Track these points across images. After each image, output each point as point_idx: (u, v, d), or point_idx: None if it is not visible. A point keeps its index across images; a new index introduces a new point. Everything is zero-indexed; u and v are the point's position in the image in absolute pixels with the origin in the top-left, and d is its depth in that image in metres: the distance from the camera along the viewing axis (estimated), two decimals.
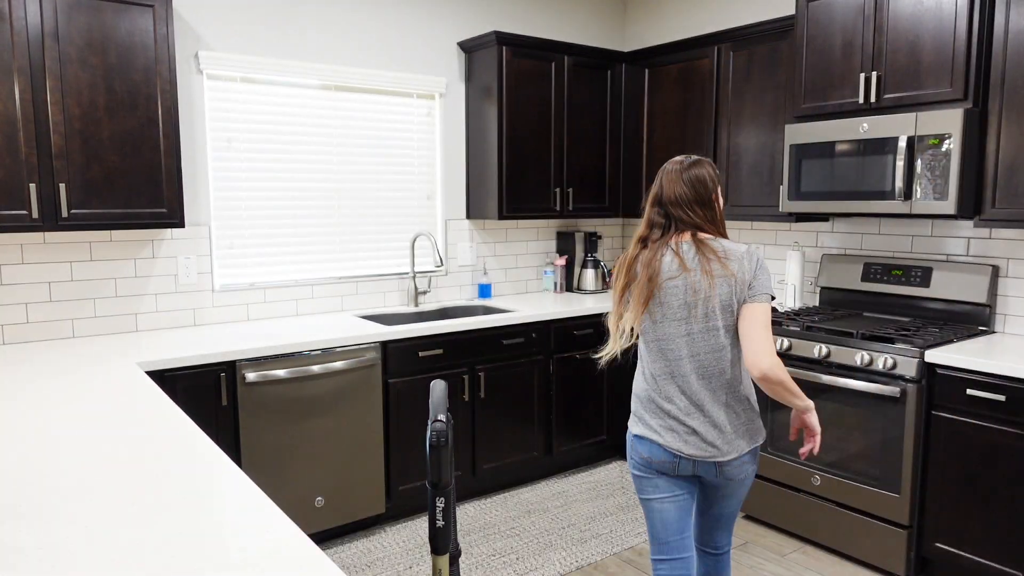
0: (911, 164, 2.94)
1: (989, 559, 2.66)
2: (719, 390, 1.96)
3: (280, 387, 2.97)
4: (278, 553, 1.20)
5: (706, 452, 1.96)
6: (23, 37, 2.59)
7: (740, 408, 1.99)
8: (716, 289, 1.92)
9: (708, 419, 1.96)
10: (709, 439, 1.96)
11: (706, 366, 1.96)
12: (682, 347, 1.97)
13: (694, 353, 1.96)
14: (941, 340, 2.88)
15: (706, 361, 1.95)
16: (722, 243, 1.98)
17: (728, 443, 1.97)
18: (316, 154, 3.67)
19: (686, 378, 1.97)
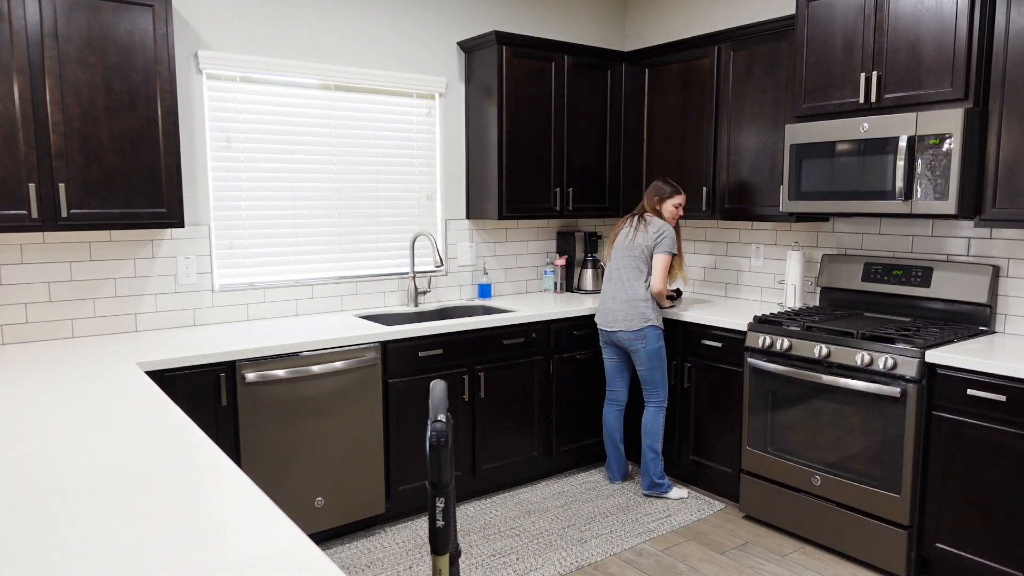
0: (911, 164, 2.94)
1: (989, 559, 2.66)
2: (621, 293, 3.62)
3: (280, 387, 2.97)
4: (278, 553, 1.20)
5: (605, 325, 3.68)
6: (23, 37, 2.59)
7: (630, 304, 3.57)
8: (637, 240, 3.57)
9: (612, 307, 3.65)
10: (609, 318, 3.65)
11: (623, 280, 3.60)
12: (616, 270, 3.63)
13: (618, 274, 3.62)
14: (941, 340, 2.88)
15: (624, 277, 3.59)
16: (653, 219, 3.59)
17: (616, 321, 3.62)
18: (316, 154, 3.66)
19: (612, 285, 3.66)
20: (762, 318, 3.35)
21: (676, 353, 3.79)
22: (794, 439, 3.20)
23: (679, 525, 3.39)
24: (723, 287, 4.30)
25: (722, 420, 3.59)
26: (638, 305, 3.51)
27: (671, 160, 4.13)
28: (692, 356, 3.71)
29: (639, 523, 3.41)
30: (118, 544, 1.23)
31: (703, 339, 3.65)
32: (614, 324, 3.58)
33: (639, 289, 3.52)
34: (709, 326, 3.62)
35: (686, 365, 3.74)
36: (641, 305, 3.51)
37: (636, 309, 3.52)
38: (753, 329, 3.33)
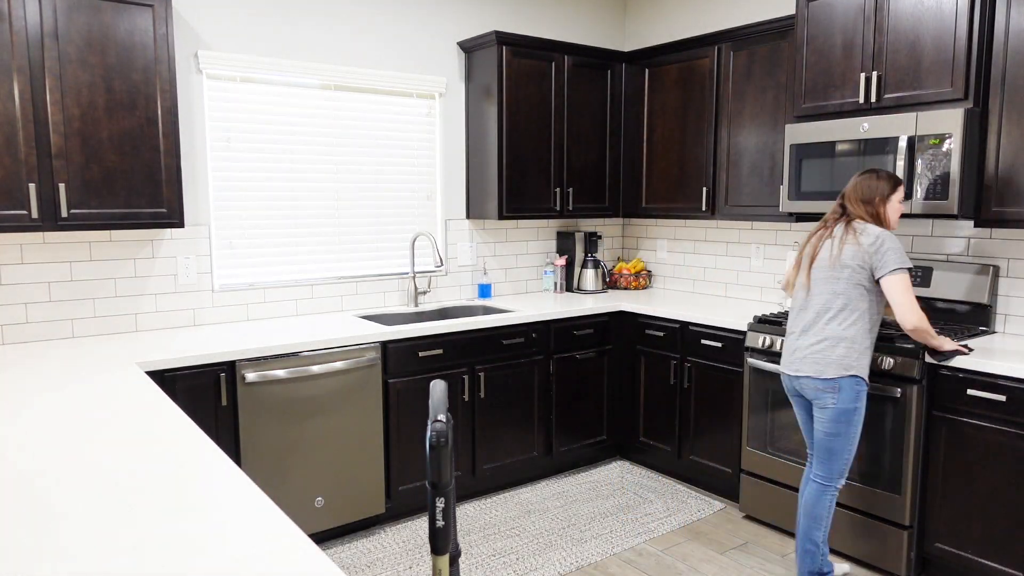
0: (911, 164, 2.94)
1: (989, 559, 2.66)
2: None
3: (280, 387, 2.97)
4: (278, 553, 1.20)
5: (789, 368, 2.79)
6: (23, 37, 2.59)
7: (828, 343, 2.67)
8: (845, 255, 2.63)
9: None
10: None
11: (823, 310, 2.70)
12: (816, 296, 2.73)
13: (816, 301, 2.72)
14: None
15: (824, 306, 2.69)
16: (867, 226, 2.64)
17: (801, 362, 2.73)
18: (316, 154, 3.66)
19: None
20: (762, 318, 3.35)
21: (676, 353, 3.79)
22: (794, 439, 3.20)
23: (679, 525, 3.39)
24: (723, 287, 4.30)
25: (722, 420, 3.59)
26: (838, 346, 2.61)
27: (671, 160, 4.13)
28: (692, 356, 3.71)
29: (639, 523, 3.41)
30: (118, 544, 1.23)
31: (703, 339, 3.65)
32: (800, 368, 2.68)
33: (844, 324, 2.61)
34: (709, 326, 3.62)
35: (686, 365, 3.74)
36: (842, 347, 2.60)
37: (835, 352, 2.61)
38: (753, 329, 3.33)
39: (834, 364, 2.60)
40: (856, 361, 2.60)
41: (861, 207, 2.65)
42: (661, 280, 4.67)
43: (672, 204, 4.15)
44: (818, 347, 2.64)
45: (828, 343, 2.62)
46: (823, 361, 2.62)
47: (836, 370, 2.60)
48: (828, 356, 2.61)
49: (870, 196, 2.65)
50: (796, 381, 2.72)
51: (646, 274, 4.63)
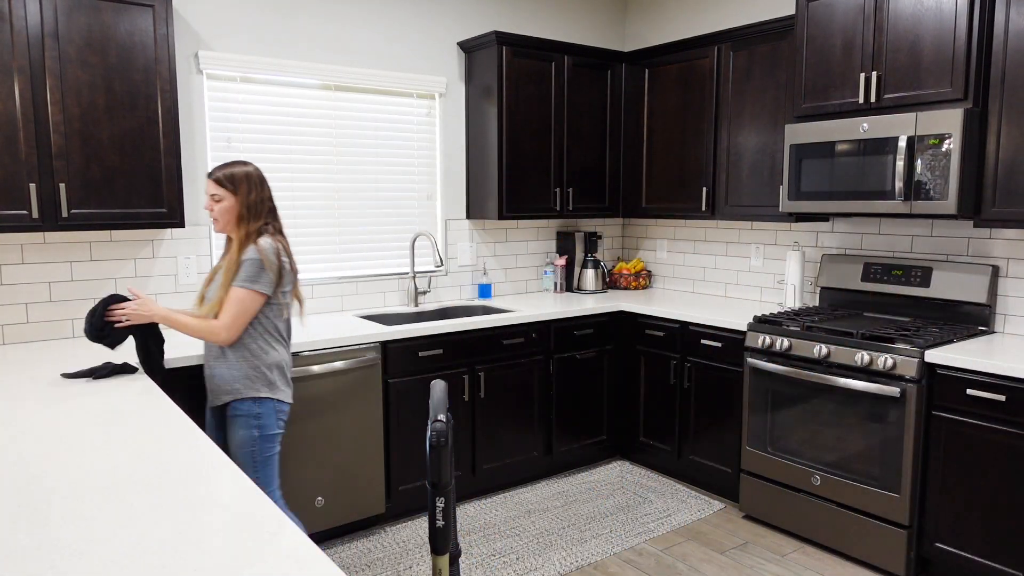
0: (911, 164, 2.94)
1: (989, 559, 2.66)
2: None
3: None
4: (278, 553, 1.20)
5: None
6: (23, 37, 2.59)
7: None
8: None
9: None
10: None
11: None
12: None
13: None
14: (941, 340, 2.88)
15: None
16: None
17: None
18: (316, 154, 3.67)
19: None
20: (762, 318, 3.35)
21: (676, 353, 3.79)
22: (794, 439, 3.20)
23: (679, 525, 3.39)
24: (723, 287, 4.30)
25: (722, 420, 3.60)
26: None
27: (671, 160, 4.13)
28: (692, 356, 3.71)
29: (639, 523, 3.41)
30: (118, 544, 1.23)
31: (703, 339, 3.65)
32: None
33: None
34: (709, 326, 3.62)
35: (686, 365, 3.74)
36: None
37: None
38: (753, 329, 3.34)
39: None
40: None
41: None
42: (661, 280, 4.67)
43: (672, 204, 4.15)
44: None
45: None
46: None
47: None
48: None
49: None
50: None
51: (646, 274, 4.64)
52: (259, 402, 2.43)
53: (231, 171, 2.41)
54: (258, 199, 2.42)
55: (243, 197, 2.39)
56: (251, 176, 2.43)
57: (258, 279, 2.35)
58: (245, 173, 2.42)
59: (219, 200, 2.39)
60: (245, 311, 2.35)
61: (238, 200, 2.39)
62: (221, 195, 2.39)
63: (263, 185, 2.46)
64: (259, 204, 2.43)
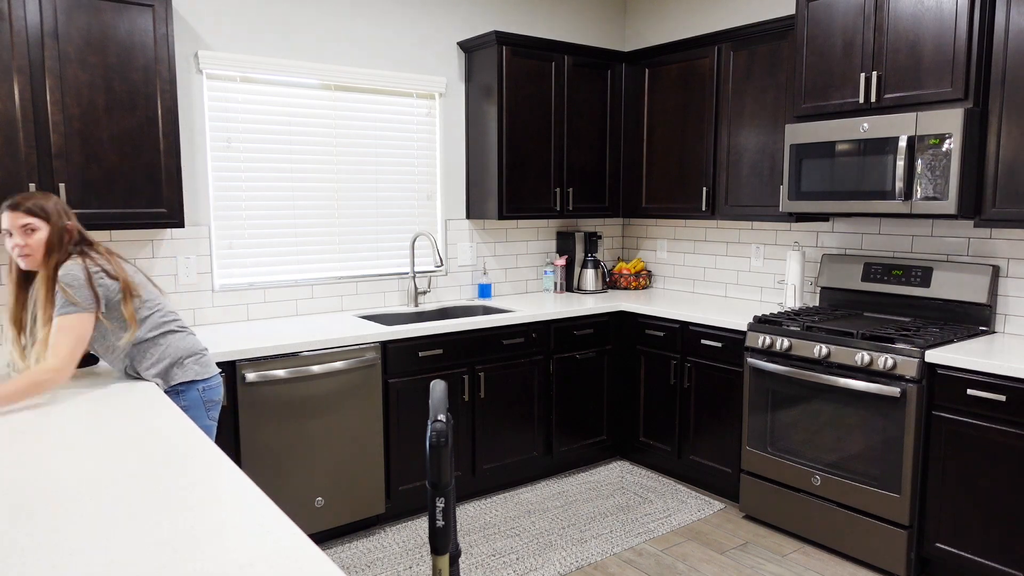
0: (911, 164, 2.94)
1: (989, 559, 2.66)
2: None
3: (280, 387, 2.97)
4: (278, 553, 1.20)
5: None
6: (23, 37, 2.59)
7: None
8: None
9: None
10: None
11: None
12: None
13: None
14: (941, 340, 2.88)
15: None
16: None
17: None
18: (316, 154, 3.66)
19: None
20: (762, 318, 3.35)
21: (676, 353, 3.79)
22: (794, 439, 3.20)
23: (679, 525, 3.39)
24: (723, 287, 4.30)
25: (722, 420, 3.59)
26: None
27: (671, 160, 4.13)
28: (692, 356, 3.71)
29: (639, 523, 3.41)
30: (118, 544, 1.23)
31: (703, 339, 3.65)
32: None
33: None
34: (709, 326, 3.62)
35: (686, 365, 3.74)
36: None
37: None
38: (753, 329, 3.34)
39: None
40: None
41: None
42: (661, 280, 4.67)
43: (672, 204, 4.15)
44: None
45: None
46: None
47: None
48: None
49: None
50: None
51: (646, 274, 4.63)
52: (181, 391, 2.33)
53: (39, 201, 2.23)
54: (69, 227, 2.27)
55: (56, 225, 2.22)
56: (58, 204, 2.28)
57: (79, 298, 2.17)
58: (54, 202, 2.27)
59: (34, 230, 2.20)
60: (80, 338, 2.15)
61: (51, 229, 2.22)
62: (36, 225, 2.20)
63: (70, 213, 2.31)
64: (68, 232, 2.26)
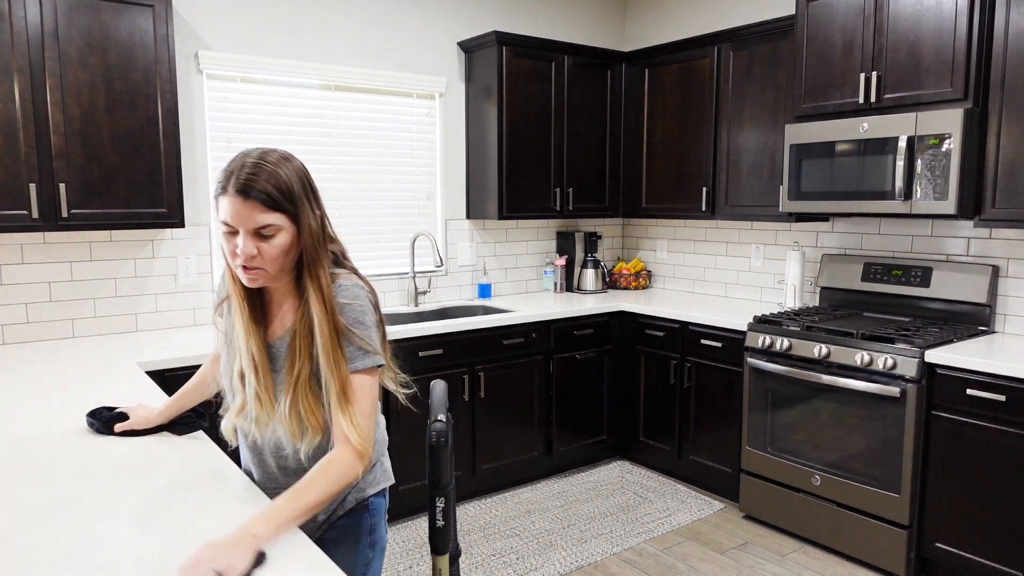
0: (911, 164, 2.94)
1: (989, 559, 2.66)
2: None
3: None
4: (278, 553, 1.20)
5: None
6: (23, 37, 2.59)
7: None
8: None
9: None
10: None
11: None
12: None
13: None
14: (941, 340, 2.88)
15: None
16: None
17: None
18: (316, 154, 3.67)
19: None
20: (762, 318, 3.35)
21: (676, 353, 3.79)
22: (794, 439, 3.20)
23: (679, 525, 3.39)
24: (723, 287, 4.30)
25: (722, 420, 3.59)
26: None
27: (671, 160, 4.13)
28: (692, 356, 3.71)
29: (639, 523, 3.41)
30: (118, 544, 1.23)
31: (703, 339, 3.65)
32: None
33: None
34: (709, 326, 3.62)
35: (686, 365, 3.74)
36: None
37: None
38: (753, 329, 3.34)
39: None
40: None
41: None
42: (661, 280, 4.67)
43: (672, 204, 4.15)
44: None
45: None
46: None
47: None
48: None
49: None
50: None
51: (646, 274, 4.64)
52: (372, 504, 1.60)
53: (277, 177, 1.36)
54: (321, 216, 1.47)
55: (307, 221, 1.40)
56: (303, 177, 1.42)
57: (372, 343, 1.42)
58: (298, 173, 1.40)
59: (270, 236, 1.36)
60: (374, 401, 1.43)
61: (303, 228, 1.39)
62: (276, 224, 1.36)
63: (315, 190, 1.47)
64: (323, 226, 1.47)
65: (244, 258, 1.37)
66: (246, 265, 1.38)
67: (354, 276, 1.48)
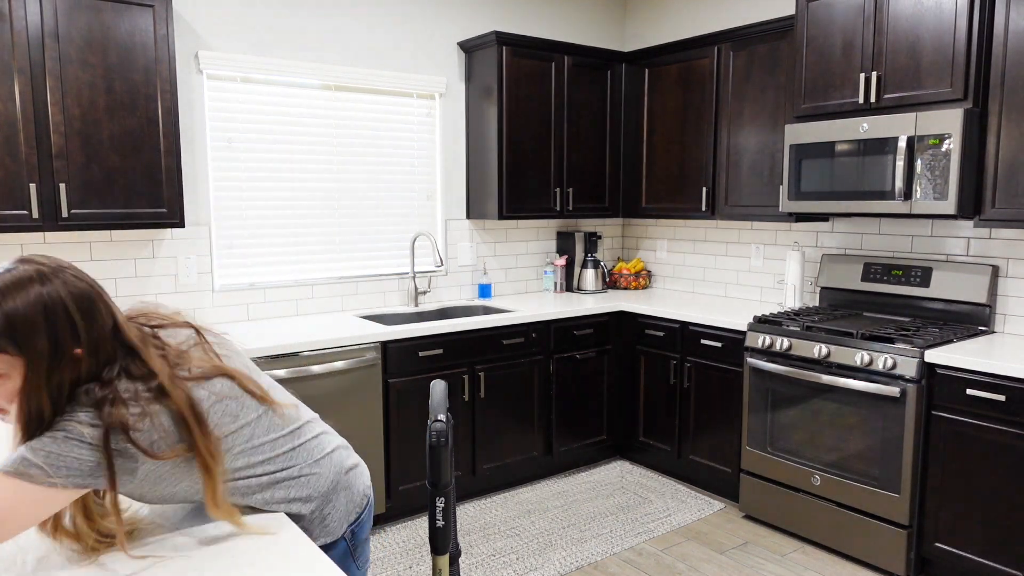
0: (911, 164, 2.94)
1: (989, 559, 2.66)
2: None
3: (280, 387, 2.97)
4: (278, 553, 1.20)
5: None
6: (23, 37, 2.59)
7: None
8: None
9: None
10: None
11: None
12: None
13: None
14: (941, 340, 2.88)
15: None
16: None
17: None
18: (316, 154, 3.67)
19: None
20: (762, 318, 3.35)
21: (676, 353, 3.79)
22: (794, 439, 3.20)
23: (679, 525, 3.39)
24: (723, 287, 4.30)
25: (722, 420, 3.60)
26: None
27: (671, 160, 4.13)
28: (692, 356, 3.71)
29: (639, 523, 3.41)
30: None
31: (703, 339, 3.65)
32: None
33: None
34: (709, 326, 3.62)
35: (686, 365, 3.74)
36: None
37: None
38: (753, 329, 3.34)
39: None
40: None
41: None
42: (661, 280, 4.67)
43: (672, 204, 4.15)
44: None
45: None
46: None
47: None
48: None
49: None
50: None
51: (646, 274, 4.64)
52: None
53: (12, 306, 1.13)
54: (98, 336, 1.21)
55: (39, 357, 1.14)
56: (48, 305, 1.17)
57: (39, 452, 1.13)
58: (40, 301, 1.17)
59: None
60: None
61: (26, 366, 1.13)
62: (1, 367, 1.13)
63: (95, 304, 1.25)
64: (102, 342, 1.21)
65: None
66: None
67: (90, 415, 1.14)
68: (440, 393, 1.61)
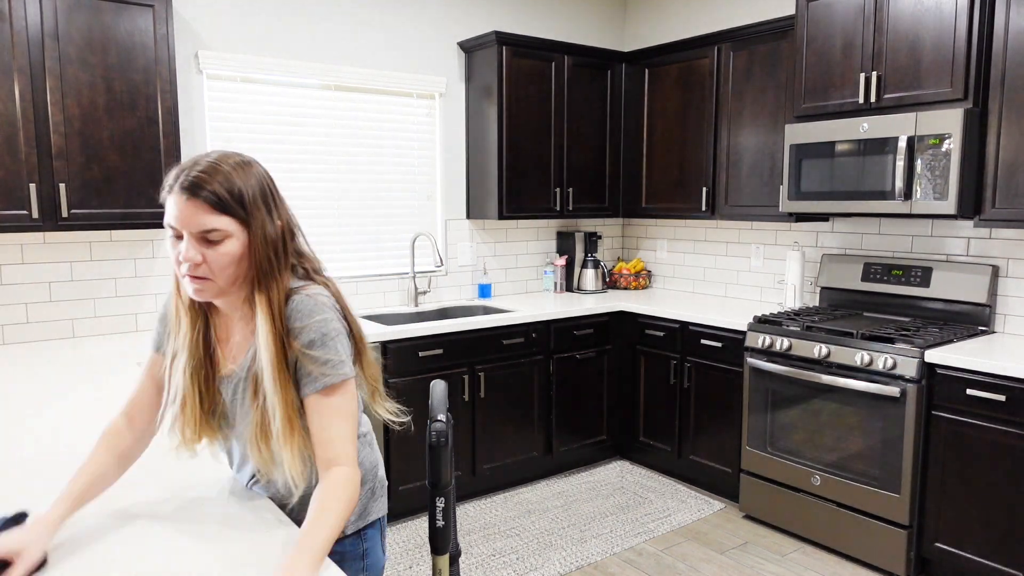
0: (911, 164, 2.94)
1: (989, 559, 2.66)
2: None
3: None
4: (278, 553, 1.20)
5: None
6: (23, 37, 2.59)
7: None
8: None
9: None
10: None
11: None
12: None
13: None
14: (941, 340, 2.88)
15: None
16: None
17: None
18: (316, 154, 3.67)
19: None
20: (762, 318, 3.35)
21: (676, 353, 3.79)
22: (794, 439, 3.20)
23: (679, 525, 3.39)
24: (723, 287, 4.30)
25: (722, 420, 3.60)
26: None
27: (671, 160, 4.13)
28: (692, 356, 3.71)
29: (639, 523, 3.41)
30: (120, 544, 1.23)
31: (703, 339, 3.65)
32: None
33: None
34: (709, 326, 3.62)
35: (686, 365, 3.74)
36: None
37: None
38: (753, 329, 3.34)
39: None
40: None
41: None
42: (661, 280, 4.67)
43: (672, 204, 4.15)
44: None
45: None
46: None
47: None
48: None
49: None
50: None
51: (646, 274, 4.64)
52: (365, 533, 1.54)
53: (230, 179, 1.33)
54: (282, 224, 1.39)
55: (260, 229, 1.32)
56: (263, 182, 1.40)
57: (336, 355, 1.31)
58: (257, 178, 1.39)
59: (217, 242, 1.30)
60: (348, 416, 1.30)
61: (255, 236, 1.31)
62: (224, 230, 1.30)
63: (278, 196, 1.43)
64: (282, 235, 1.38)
65: (188, 265, 1.29)
66: (191, 274, 1.30)
67: (317, 287, 1.35)
68: (440, 393, 1.61)
